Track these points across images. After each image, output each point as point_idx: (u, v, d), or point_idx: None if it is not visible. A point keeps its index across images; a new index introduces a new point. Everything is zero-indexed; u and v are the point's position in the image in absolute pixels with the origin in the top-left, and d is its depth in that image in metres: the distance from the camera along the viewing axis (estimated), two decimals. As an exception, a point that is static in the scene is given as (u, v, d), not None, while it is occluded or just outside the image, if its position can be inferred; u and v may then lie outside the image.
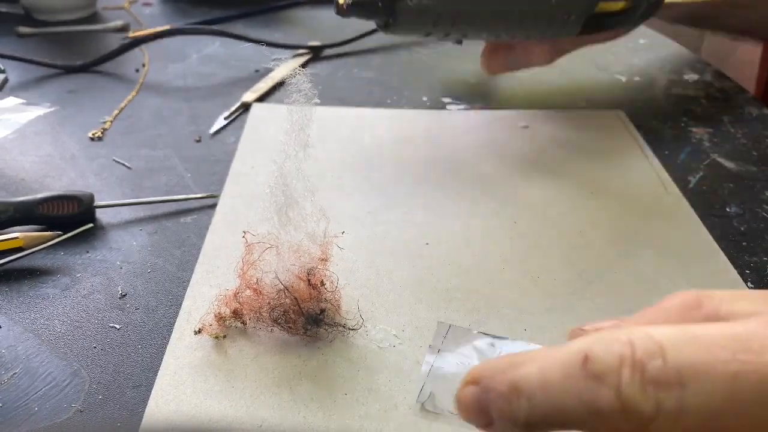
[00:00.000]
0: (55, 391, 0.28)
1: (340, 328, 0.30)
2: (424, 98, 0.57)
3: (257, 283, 0.29)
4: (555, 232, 0.38)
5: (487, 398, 0.21)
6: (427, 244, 0.37)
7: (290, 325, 0.29)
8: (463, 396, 0.22)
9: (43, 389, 0.28)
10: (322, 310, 0.29)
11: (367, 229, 0.39)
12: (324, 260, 0.30)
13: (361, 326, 0.31)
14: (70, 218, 0.38)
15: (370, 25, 0.58)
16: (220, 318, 0.30)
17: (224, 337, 0.30)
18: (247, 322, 0.31)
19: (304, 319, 0.29)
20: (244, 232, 0.31)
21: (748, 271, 0.36)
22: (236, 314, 0.30)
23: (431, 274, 0.35)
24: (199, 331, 0.30)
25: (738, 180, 0.45)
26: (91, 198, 0.39)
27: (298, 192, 0.29)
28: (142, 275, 0.35)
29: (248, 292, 0.30)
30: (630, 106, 0.55)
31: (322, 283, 0.30)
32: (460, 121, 0.52)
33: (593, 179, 0.44)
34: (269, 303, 0.29)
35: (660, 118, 0.53)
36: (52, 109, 0.53)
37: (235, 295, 0.30)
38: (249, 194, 0.42)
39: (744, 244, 0.38)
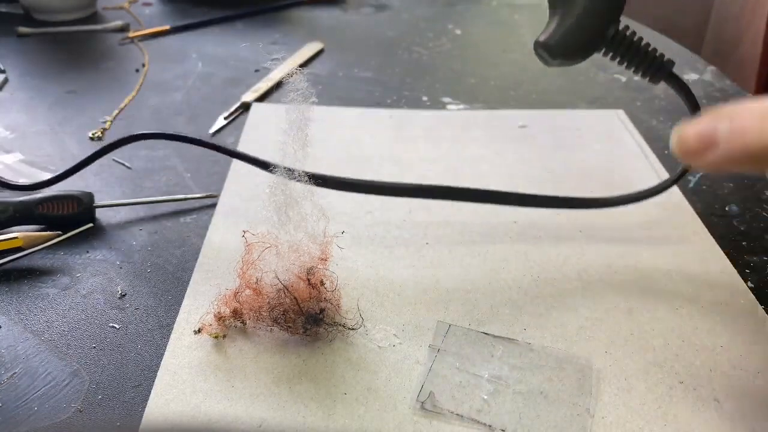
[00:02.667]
0: (55, 391, 0.28)
1: (340, 328, 0.30)
2: (424, 98, 0.57)
3: (257, 282, 0.29)
4: (554, 231, 0.38)
5: (723, 124, 0.23)
6: (427, 243, 0.37)
7: (290, 324, 0.29)
8: (692, 126, 0.24)
9: (43, 389, 0.28)
10: (322, 310, 0.29)
11: (367, 229, 0.39)
12: (324, 260, 0.30)
13: (360, 326, 0.31)
14: (70, 218, 0.38)
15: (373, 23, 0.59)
16: (219, 318, 0.30)
17: (224, 336, 0.30)
18: (247, 321, 0.31)
19: (304, 318, 0.29)
20: (244, 231, 0.31)
21: (747, 271, 0.36)
22: (236, 314, 0.30)
23: (431, 274, 0.35)
24: (199, 331, 0.30)
25: (738, 180, 0.45)
26: (91, 198, 0.39)
27: (298, 191, 0.29)
28: (142, 275, 0.35)
29: (248, 291, 0.30)
30: (630, 106, 0.55)
31: (322, 283, 0.30)
32: (460, 121, 0.52)
33: (593, 179, 0.44)
34: (269, 303, 0.29)
35: (660, 118, 0.53)
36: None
37: (234, 295, 0.30)
38: (249, 194, 0.42)
39: (744, 244, 0.38)
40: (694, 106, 0.34)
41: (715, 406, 0.27)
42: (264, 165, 0.37)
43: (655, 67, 0.33)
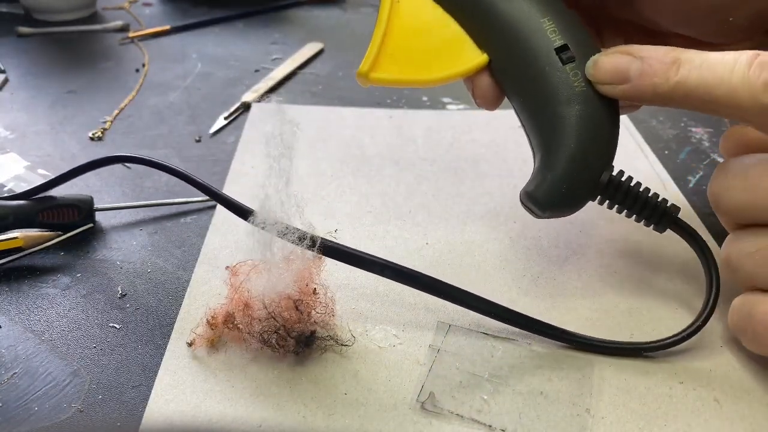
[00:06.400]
0: (55, 391, 0.28)
1: (331, 342, 0.30)
2: (424, 98, 0.57)
3: (244, 308, 0.29)
4: (554, 231, 0.39)
5: (635, 65, 0.27)
6: (426, 243, 0.37)
7: (281, 343, 0.28)
8: (609, 58, 0.27)
9: (43, 389, 0.28)
10: (312, 332, 0.29)
11: (367, 229, 0.39)
12: (318, 258, 0.30)
13: (353, 344, 0.30)
14: (71, 225, 0.38)
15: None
16: (210, 340, 0.30)
17: (219, 337, 0.30)
18: (238, 341, 0.30)
19: (294, 342, 0.29)
20: (227, 267, 0.30)
21: (747, 271, 0.36)
22: (224, 333, 0.30)
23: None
24: (191, 344, 0.30)
25: (738, 180, 0.45)
26: (91, 202, 0.39)
27: (286, 214, 0.28)
28: (142, 275, 0.35)
29: (238, 314, 0.29)
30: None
31: (315, 292, 0.29)
32: (460, 121, 0.52)
33: (593, 179, 0.44)
34: (259, 326, 0.28)
35: (660, 118, 0.53)
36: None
37: (224, 321, 0.29)
38: (249, 194, 0.41)
39: (744, 243, 0.38)
40: (706, 255, 0.30)
41: (715, 406, 0.27)
42: (243, 213, 0.31)
43: (659, 214, 0.30)
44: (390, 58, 0.30)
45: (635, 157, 0.47)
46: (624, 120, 0.52)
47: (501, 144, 0.48)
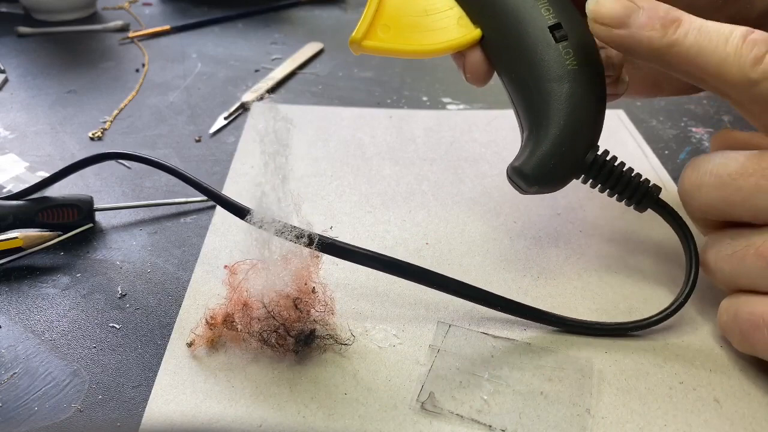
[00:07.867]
0: (55, 391, 0.28)
1: (330, 341, 0.30)
2: (424, 98, 0.57)
3: (243, 307, 0.29)
4: (554, 231, 0.39)
5: (637, 13, 0.26)
6: (427, 243, 0.37)
7: (280, 342, 0.29)
8: (612, 1, 0.27)
9: (43, 389, 0.28)
10: (312, 331, 0.29)
11: (367, 229, 0.39)
12: (316, 257, 0.30)
13: (353, 342, 0.30)
14: (71, 225, 0.38)
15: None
16: (210, 341, 0.30)
17: (218, 337, 0.30)
18: (238, 341, 0.30)
19: (294, 341, 0.29)
20: (225, 266, 0.30)
21: (748, 271, 0.36)
22: (224, 333, 0.30)
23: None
24: (191, 344, 0.30)
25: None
26: (91, 202, 0.39)
27: (282, 214, 0.28)
28: (142, 275, 0.35)
29: (237, 314, 0.29)
30: (630, 106, 0.55)
31: (314, 290, 0.29)
32: (460, 121, 0.52)
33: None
34: (258, 326, 0.28)
35: (660, 118, 0.54)
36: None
37: (223, 321, 0.29)
38: (249, 194, 0.41)
39: (744, 243, 0.38)
40: (685, 234, 0.31)
41: (715, 406, 0.27)
42: (236, 210, 0.32)
43: (641, 194, 0.31)
44: (383, 28, 0.31)
45: (635, 157, 0.47)
46: (624, 120, 0.52)
47: (501, 144, 0.48)
